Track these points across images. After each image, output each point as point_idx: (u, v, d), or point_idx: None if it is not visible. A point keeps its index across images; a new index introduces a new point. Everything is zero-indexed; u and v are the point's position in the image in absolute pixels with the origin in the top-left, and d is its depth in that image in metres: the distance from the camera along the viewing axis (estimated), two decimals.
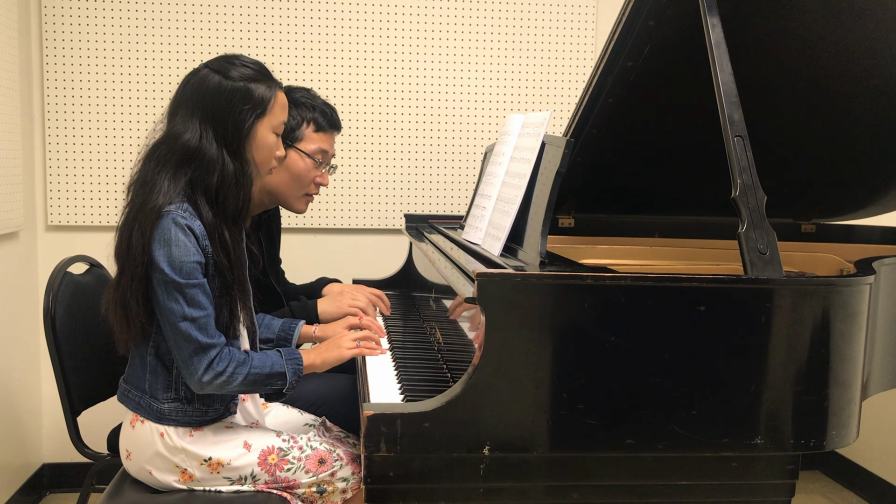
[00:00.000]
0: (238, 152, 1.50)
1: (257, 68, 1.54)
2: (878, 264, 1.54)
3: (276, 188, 1.94)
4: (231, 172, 1.48)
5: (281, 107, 1.56)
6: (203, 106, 1.48)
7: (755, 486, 1.36)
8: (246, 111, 1.49)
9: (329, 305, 2.00)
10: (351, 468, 1.63)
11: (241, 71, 1.51)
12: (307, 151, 1.93)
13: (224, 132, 1.48)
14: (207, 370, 1.44)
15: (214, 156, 1.47)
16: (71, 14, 2.60)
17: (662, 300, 1.27)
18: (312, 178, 1.96)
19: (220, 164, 1.47)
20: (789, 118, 1.97)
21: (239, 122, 1.49)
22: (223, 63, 1.52)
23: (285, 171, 1.92)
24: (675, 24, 1.66)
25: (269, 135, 1.55)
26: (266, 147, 1.55)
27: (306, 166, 1.93)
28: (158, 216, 1.42)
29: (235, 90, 1.49)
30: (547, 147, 1.51)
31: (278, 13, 2.71)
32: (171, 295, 1.42)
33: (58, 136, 2.64)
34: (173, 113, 1.51)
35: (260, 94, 1.51)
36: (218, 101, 1.48)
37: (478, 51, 2.83)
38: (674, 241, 2.25)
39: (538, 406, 1.25)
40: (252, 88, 1.50)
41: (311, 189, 1.97)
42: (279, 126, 1.56)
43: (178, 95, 1.52)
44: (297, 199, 1.97)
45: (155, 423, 1.52)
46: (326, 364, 1.64)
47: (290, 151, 1.91)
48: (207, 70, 1.51)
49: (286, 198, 1.96)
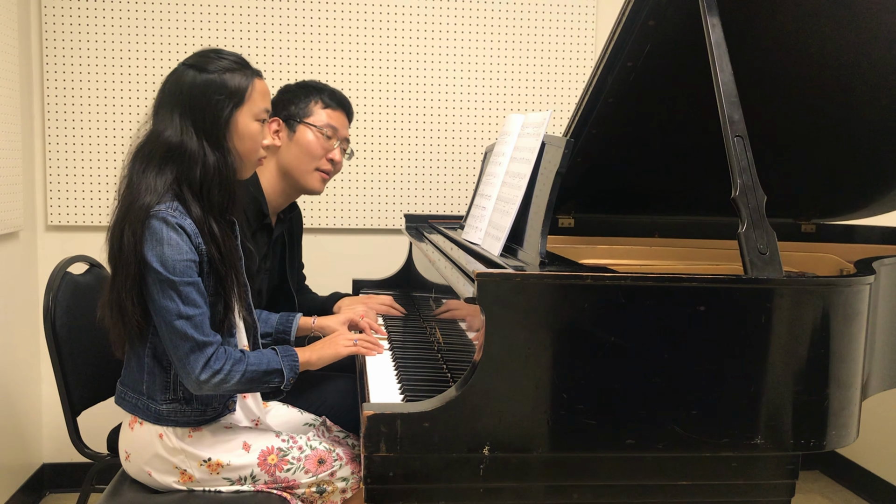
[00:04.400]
0: (219, 143, 1.50)
1: (233, 58, 1.54)
2: (878, 264, 1.54)
3: (289, 164, 1.98)
4: (212, 164, 1.49)
5: (260, 94, 1.56)
6: (181, 101, 1.49)
7: (755, 486, 1.36)
8: (222, 101, 1.50)
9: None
10: (350, 468, 1.63)
11: (217, 63, 1.51)
12: (316, 125, 1.98)
13: (203, 125, 1.49)
14: (204, 369, 1.44)
15: (196, 149, 1.48)
16: (71, 14, 2.60)
17: (662, 300, 1.27)
18: (324, 154, 2.00)
19: (202, 157, 1.48)
20: (789, 118, 1.97)
21: (217, 113, 1.50)
22: (199, 58, 1.53)
23: (296, 146, 1.98)
24: (675, 24, 1.66)
25: (250, 123, 1.55)
26: (249, 136, 1.55)
27: (316, 140, 1.98)
28: (148, 215, 1.43)
29: (210, 82, 1.50)
30: (547, 147, 1.51)
31: (278, 13, 2.71)
32: (166, 293, 1.42)
33: (58, 136, 2.64)
34: (155, 113, 1.53)
35: (236, 83, 1.51)
36: (194, 94, 1.49)
37: (478, 51, 2.83)
38: (674, 241, 2.25)
39: (538, 406, 1.25)
40: (227, 79, 1.51)
41: (323, 164, 2.01)
42: (261, 113, 1.56)
43: (159, 95, 1.54)
44: (311, 175, 2.00)
45: (154, 424, 1.52)
46: (322, 361, 1.64)
47: (299, 127, 1.97)
48: (184, 67, 1.52)
49: (299, 174, 1.99)
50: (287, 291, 2.13)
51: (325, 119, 1.99)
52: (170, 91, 1.51)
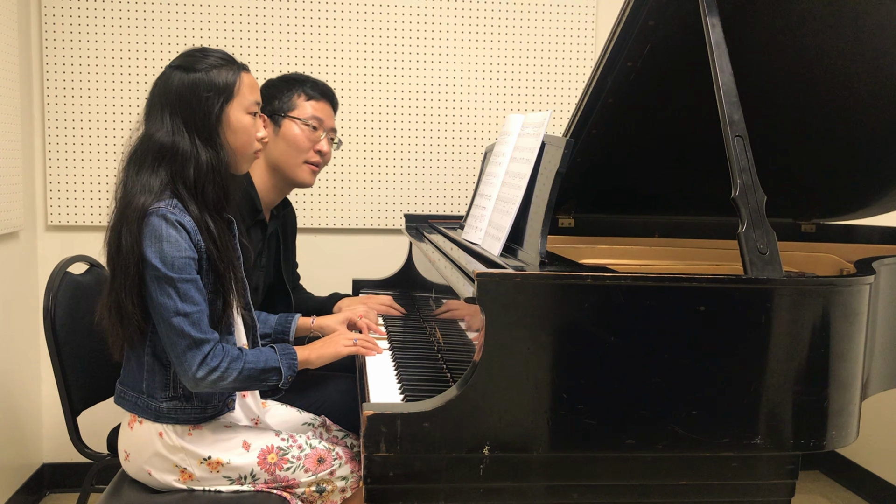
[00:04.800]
0: (211, 140, 1.51)
1: (219, 55, 1.55)
2: (878, 264, 1.54)
3: (278, 160, 1.99)
4: (205, 161, 1.49)
5: (249, 87, 1.57)
6: (171, 102, 1.50)
7: (755, 486, 1.36)
8: (211, 98, 1.51)
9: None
10: (350, 467, 1.63)
11: (203, 62, 1.52)
12: (300, 118, 1.97)
13: (194, 123, 1.50)
14: (201, 366, 1.44)
15: (188, 148, 1.49)
16: (71, 14, 2.60)
17: (662, 300, 1.27)
18: (311, 146, 1.99)
19: (195, 156, 1.49)
20: (789, 118, 1.97)
21: (207, 110, 1.50)
22: (185, 58, 1.54)
23: (283, 140, 1.98)
24: (675, 24, 1.66)
25: (242, 117, 1.55)
26: (242, 129, 1.55)
27: (302, 133, 1.98)
28: (146, 213, 1.43)
29: (198, 80, 1.50)
30: (547, 147, 1.51)
31: (278, 13, 2.71)
32: (164, 290, 1.42)
33: (58, 136, 2.64)
34: (146, 116, 1.54)
35: (223, 79, 1.52)
36: (183, 94, 1.50)
37: (478, 51, 2.83)
38: (674, 241, 2.25)
39: (538, 406, 1.25)
40: (214, 75, 1.51)
41: (311, 157, 2.00)
42: (252, 106, 1.57)
43: (149, 98, 1.55)
44: (300, 168, 2.00)
45: (153, 422, 1.52)
46: (321, 360, 1.64)
47: (284, 121, 1.97)
48: (170, 69, 1.53)
49: (289, 168, 2.00)
50: (283, 289, 2.13)
51: (310, 111, 1.98)
52: (158, 94, 1.52)
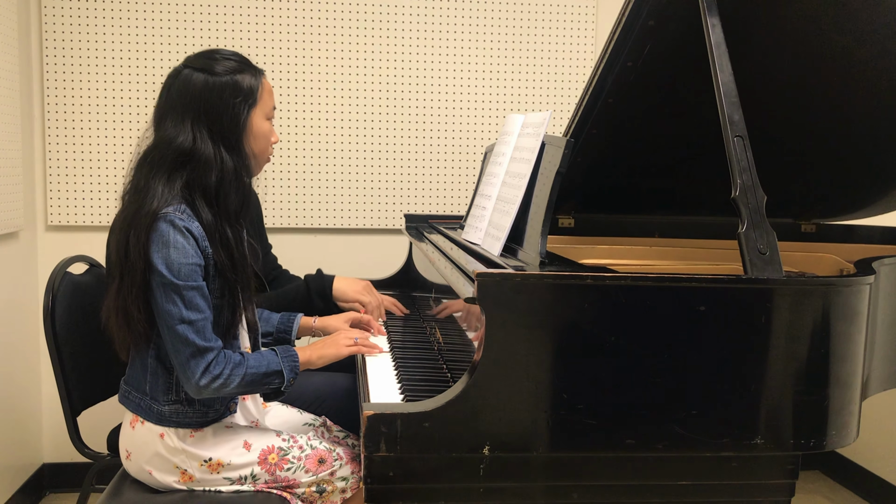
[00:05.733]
0: (237, 147, 1.49)
1: (239, 59, 1.53)
2: (878, 264, 1.54)
3: None
4: (231, 169, 1.48)
5: (268, 92, 1.56)
6: (194, 107, 1.47)
7: (755, 486, 1.36)
8: (239, 104, 1.49)
9: (345, 284, 2.04)
10: (350, 467, 1.63)
11: (224, 65, 1.49)
12: None
13: (220, 129, 1.47)
14: (204, 374, 1.44)
15: (211, 155, 1.46)
16: (71, 14, 2.60)
17: (662, 300, 1.27)
18: None
19: (219, 163, 1.46)
20: (789, 118, 1.97)
21: (235, 117, 1.49)
22: (204, 60, 1.50)
23: None
24: (674, 24, 1.66)
25: (263, 122, 1.55)
26: (263, 135, 1.55)
27: None
28: (155, 219, 1.41)
29: (224, 85, 1.48)
30: (547, 147, 1.51)
31: (278, 13, 2.71)
32: (169, 297, 1.42)
33: (58, 136, 2.64)
34: (161, 118, 1.49)
35: (248, 84, 1.50)
36: (209, 99, 1.47)
37: (478, 51, 2.83)
38: (674, 241, 2.25)
39: (538, 406, 1.25)
40: (239, 80, 1.49)
41: None
42: (270, 111, 1.57)
43: (164, 100, 1.50)
44: None
45: (155, 424, 1.52)
46: (323, 360, 1.64)
47: None
48: (190, 70, 1.49)
49: None
50: None
51: None
52: (178, 95, 1.48)
